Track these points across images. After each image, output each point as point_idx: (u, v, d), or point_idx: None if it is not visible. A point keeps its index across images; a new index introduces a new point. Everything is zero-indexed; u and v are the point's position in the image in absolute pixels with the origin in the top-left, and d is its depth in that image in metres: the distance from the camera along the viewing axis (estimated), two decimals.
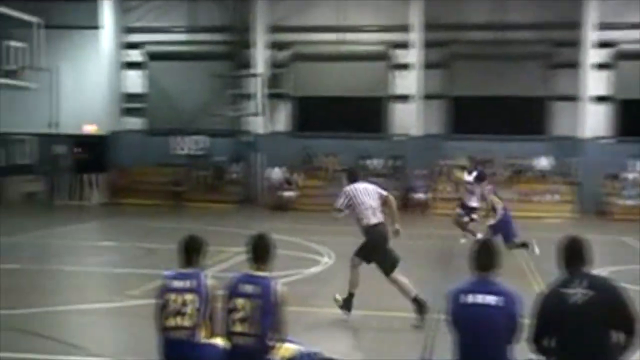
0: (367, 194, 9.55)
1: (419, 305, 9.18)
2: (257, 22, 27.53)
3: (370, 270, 9.57)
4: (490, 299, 5.37)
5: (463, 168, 18.56)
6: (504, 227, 14.68)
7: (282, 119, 28.62)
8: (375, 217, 9.43)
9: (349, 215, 9.66)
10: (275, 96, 27.96)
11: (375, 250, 9.37)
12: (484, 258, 5.57)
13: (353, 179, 9.82)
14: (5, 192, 28.15)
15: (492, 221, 14.97)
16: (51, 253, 15.99)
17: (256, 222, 21.50)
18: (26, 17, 24.04)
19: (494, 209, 15.09)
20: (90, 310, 10.03)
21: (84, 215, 24.62)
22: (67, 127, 28.68)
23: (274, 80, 27.77)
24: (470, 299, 5.41)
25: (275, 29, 27.80)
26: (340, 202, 9.57)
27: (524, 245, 14.70)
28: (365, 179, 11.07)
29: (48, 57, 24.79)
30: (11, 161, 29.16)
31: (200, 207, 25.63)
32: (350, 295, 9.42)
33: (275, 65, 28.09)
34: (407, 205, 24.99)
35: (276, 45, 28.15)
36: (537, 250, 14.35)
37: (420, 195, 25.39)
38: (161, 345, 6.01)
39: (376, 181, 12.29)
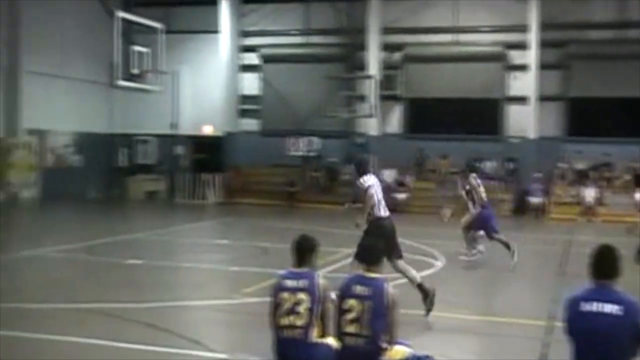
0: (380, 187, 9.63)
1: (424, 292, 9.08)
2: (370, 24, 27.59)
3: (485, 276, 9.43)
4: (610, 308, 5.16)
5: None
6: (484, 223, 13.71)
7: (394, 120, 28.58)
8: (386, 210, 9.49)
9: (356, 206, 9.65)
10: (387, 98, 27.93)
11: (389, 241, 9.15)
12: (604, 264, 5.36)
13: (363, 171, 9.69)
14: (129, 190, 29.49)
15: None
16: (171, 250, 16.61)
17: None
18: (150, 23, 25.10)
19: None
20: (206, 307, 10.34)
21: (201, 213, 25.41)
22: (186, 128, 29.78)
23: (386, 82, 27.75)
24: (588, 307, 5.23)
25: (388, 30, 27.78)
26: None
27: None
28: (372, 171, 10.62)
29: (169, 60, 25.78)
30: (135, 161, 30.55)
31: (313, 207, 25.95)
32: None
33: (388, 66, 28.06)
34: (521, 209, 24.40)
35: (389, 47, 28.12)
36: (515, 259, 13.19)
37: (536, 199, 24.71)
38: (275, 343, 6.13)
39: (491, 184, 12.07)
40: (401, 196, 25.82)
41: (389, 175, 26.66)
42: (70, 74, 28.12)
